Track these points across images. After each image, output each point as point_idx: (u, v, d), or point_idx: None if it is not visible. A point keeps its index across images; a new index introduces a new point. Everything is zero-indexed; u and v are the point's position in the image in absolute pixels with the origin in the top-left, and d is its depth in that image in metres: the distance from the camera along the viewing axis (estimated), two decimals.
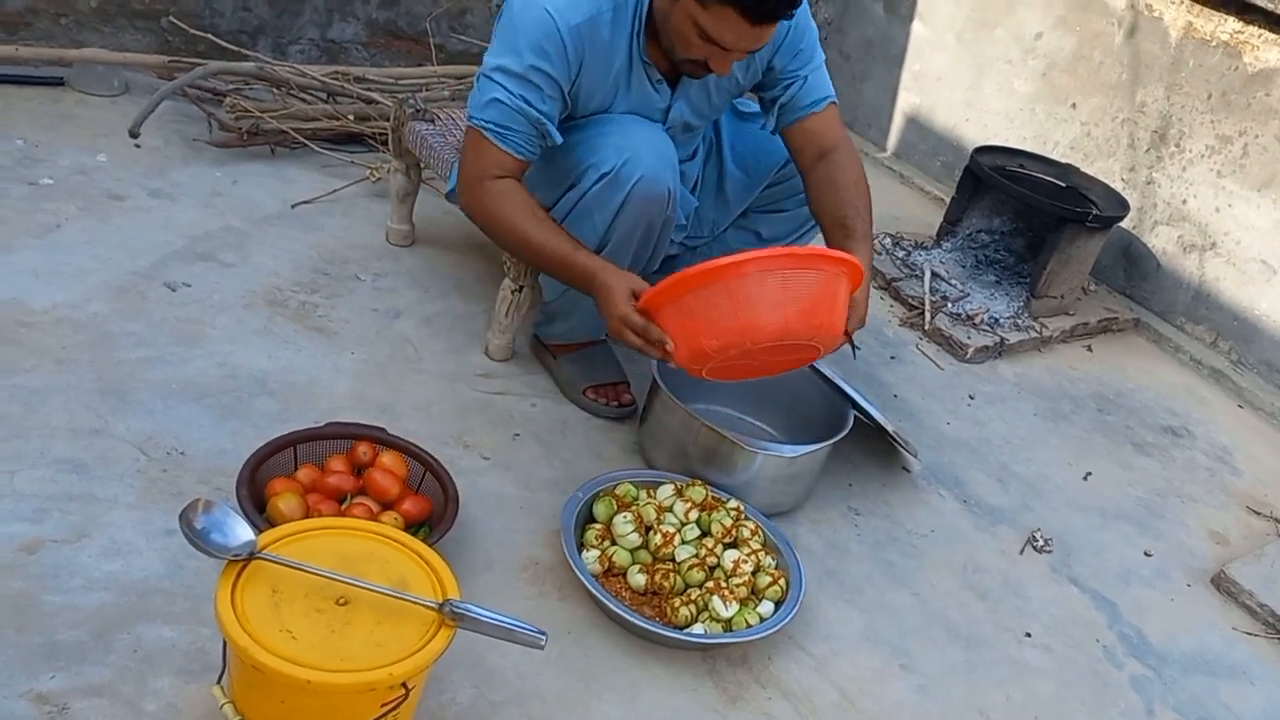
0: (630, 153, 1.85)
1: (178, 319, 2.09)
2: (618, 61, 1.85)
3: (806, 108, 2.01)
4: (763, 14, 1.67)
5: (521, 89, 1.78)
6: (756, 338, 1.65)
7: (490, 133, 1.81)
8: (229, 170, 2.66)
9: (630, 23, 1.82)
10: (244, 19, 3.03)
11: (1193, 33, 2.99)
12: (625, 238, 1.93)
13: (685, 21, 1.72)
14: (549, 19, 1.75)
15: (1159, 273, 3.15)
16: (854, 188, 2.00)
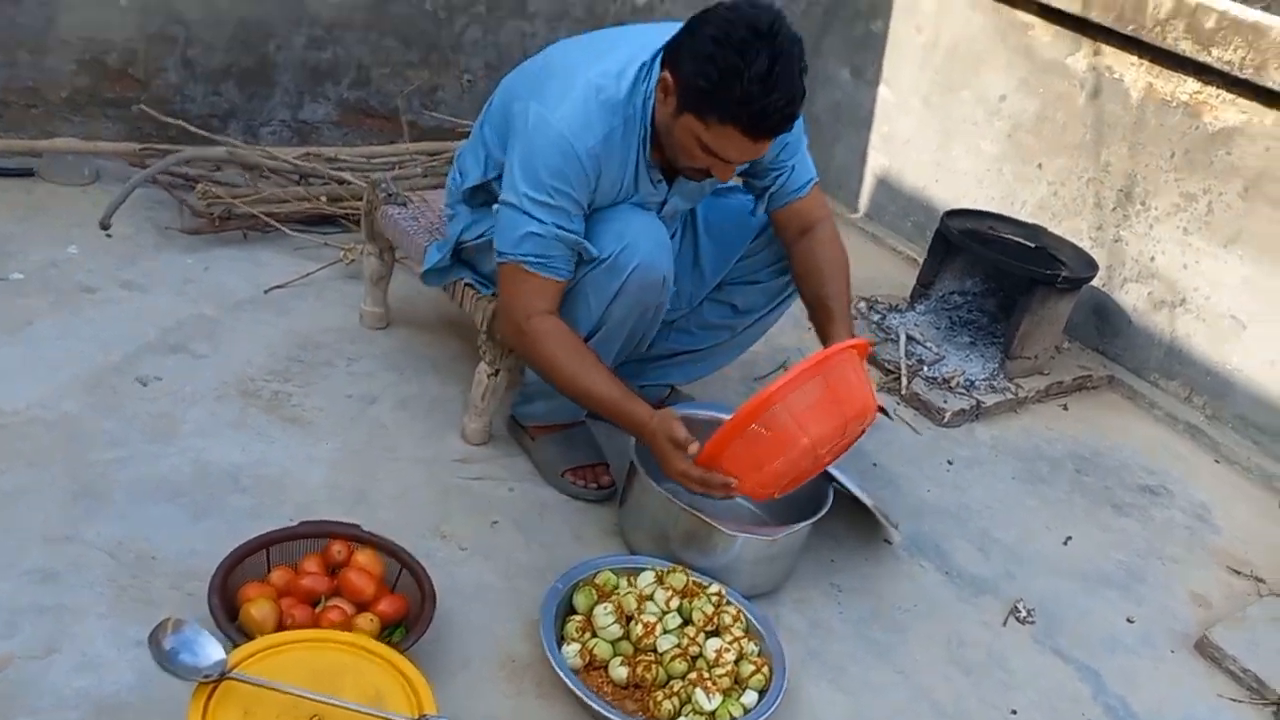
0: (628, 240, 1.88)
1: (150, 414, 2.07)
2: (628, 170, 1.90)
3: (794, 193, 2.08)
4: (764, 131, 1.72)
5: (553, 216, 1.82)
6: (820, 445, 1.79)
7: (530, 265, 1.84)
8: (201, 257, 2.66)
9: (637, 132, 1.86)
10: (215, 103, 3.05)
11: (1153, 94, 3.04)
12: (620, 322, 1.96)
13: (688, 136, 1.76)
14: (567, 143, 1.79)
15: (1131, 329, 3.18)
16: (833, 266, 2.09)
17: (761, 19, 1.67)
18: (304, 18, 3.05)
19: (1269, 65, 2.72)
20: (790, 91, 1.68)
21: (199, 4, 2.90)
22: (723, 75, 1.66)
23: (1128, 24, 2.99)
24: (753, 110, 1.67)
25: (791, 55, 1.67)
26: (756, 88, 1.65)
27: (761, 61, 1.64)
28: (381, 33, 3.18)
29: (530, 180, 1.81)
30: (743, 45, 1.64)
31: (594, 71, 1.84)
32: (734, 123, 1.69)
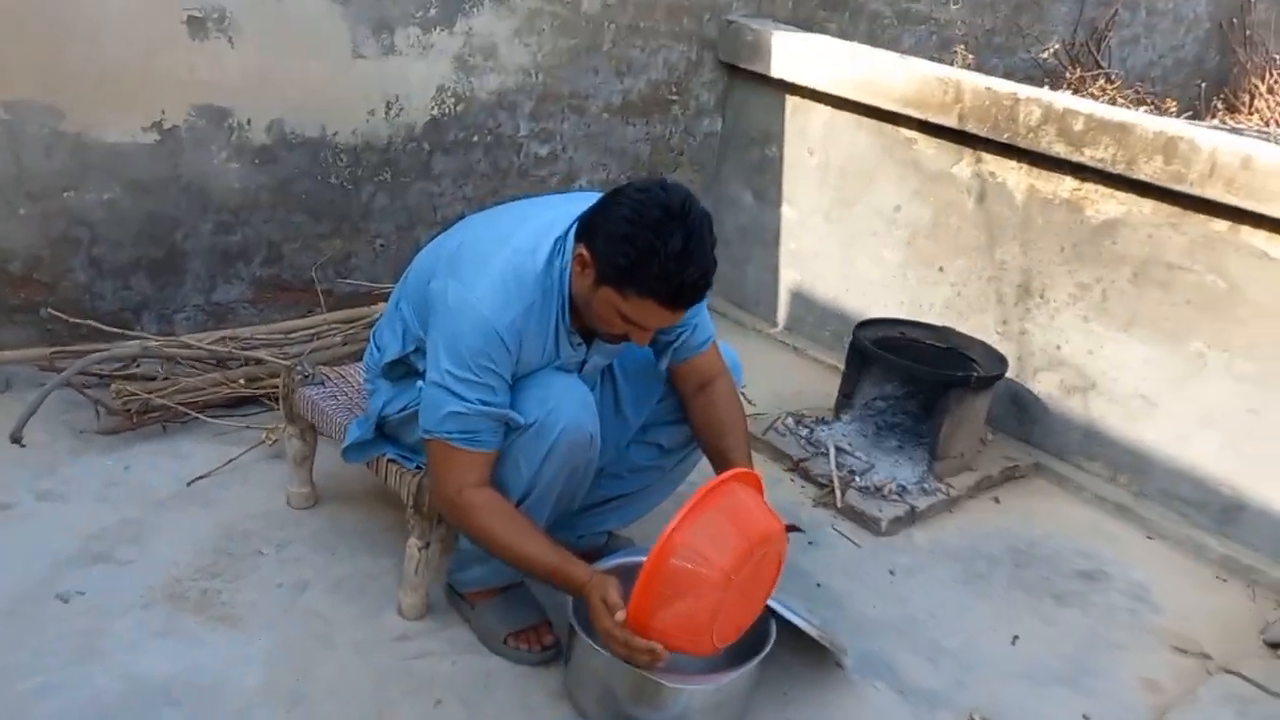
0: (553, 403, 1.93)
1: (73, 633, 2.02)
2: (549, 338, 1.95)
3: (694, 349, 2.16)
4: (681, 303, 1.81)
5: (477, 393, 1.86)
6: (735, 574, 1.80)
7: (456, 441, 1.88)
8: (120, 456, 2.63)
9: (555, 303, 1.93)
10: (125, 297, 3.05)
11: (1036, 194, 3.19)
12: (551, 483, 1.99)
13: (607, 307, 1.85)
14: (488, 323, 1.84)
15: (1049, 417, 3.27)
16: (732, 421, 2.19)
17: (674, 200, 1.77)
18: (209, 205, 3.09)
19: (1138, 160, 2.88)
20: (704, 265, 1.78)
21: (101, 205, 2.93)
22: (640, 254, 1.75)
23: (1003, 132, 3.15)
24: (670, 285, 1.77)
25: (703, 232, 1.78)
26: (673, 264, 1.74)
27: (676, 240, 1.73)
28: (289, 210, 3.24)
29: (453, 359, 1.86)
30: (658, 225, 1.74)
31: (509, 249, 1.91)
32: (653, 297, 1.78)
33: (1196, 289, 2.91)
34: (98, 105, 2.83)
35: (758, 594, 1.96)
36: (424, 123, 3.40)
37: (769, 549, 1.90)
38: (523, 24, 3.47)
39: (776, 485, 3.00)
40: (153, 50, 2.85)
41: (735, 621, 1.91)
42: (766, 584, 1.96)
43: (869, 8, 4.34)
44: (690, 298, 1.81)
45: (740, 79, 3.99)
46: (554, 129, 3.69)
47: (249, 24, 2.96)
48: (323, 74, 3.15)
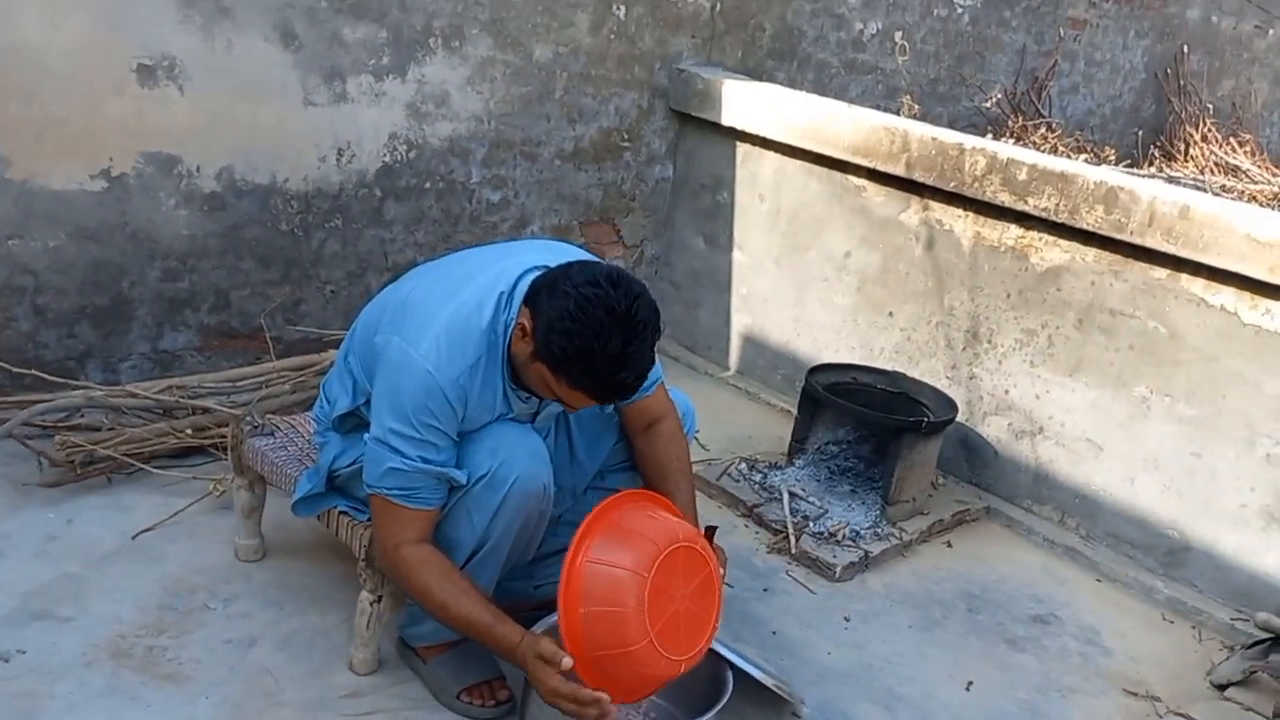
0: (505, 454, 1.93)
1: (12, 695, 1.96)
2: (495, 394, 1.95)
3: (642, 393, 2.14)
4: (610, 399, 1.86)
5: (418, 450, 1.85)
6: (639, 570, 1.79)
7: (396, 498, 1.87)
8: (63, 509, 2.57)
9: (500, 360, 1.93)
10: (70, 346, 2.99)
11: (982, 240, 3.25)
12: (504, 534, 1.98)
13: (540, 380, 1.86)
14: (432, 380, 1.83)
15: (998, 460, 3.31)
16: (677, 462, 2.21)
17: (620, 303, 1.76)
18: (156, 252, 3.05)
19: (1081, 209, 2.95)
20: (640, 368, 1.80)
21: (46, 253, 2.88)
22: (578, 352, 1.76)
23: (949, 181, 3.21)
24: (601, 385, 1.80)
25: (645, 334, 1.79)
26: (608, 367, 1.77)
27: (615, 344, 1.75)
28: (238, 256, 3.20)
29: (396, 415, 1.85)
30: (599, 327, 1.74)
31: (454, 303, 1.90)
32: (583, 391, 1.80)
33: (1139, 335, 2.97)
34: (43, 153, 2.79)
35: (702, 604, 1.91)
36: (376, 169, 3.39)
37: (683, 547, 1.87)
38: (475, 72, 3.48)
39: (731, 531, 3.00)
40: (100, 97, 2.83)
41: (683, 630, 1.86)
42: (707, 590, 1.92)
43: (817, 57, 4.42)
44: (621, 396, 1.85)
45: (691, 126, 4.04)
46: (506, 175, 3.70)
47: (198, 72, 2.95)
48: (273, 121, 3.13)
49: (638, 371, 1.80)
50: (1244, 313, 2.78)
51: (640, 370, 1.80)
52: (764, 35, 4.20)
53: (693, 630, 1.90)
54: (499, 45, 3.50)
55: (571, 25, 3.64)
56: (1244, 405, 2.81)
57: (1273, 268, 2.66)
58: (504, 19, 3.48)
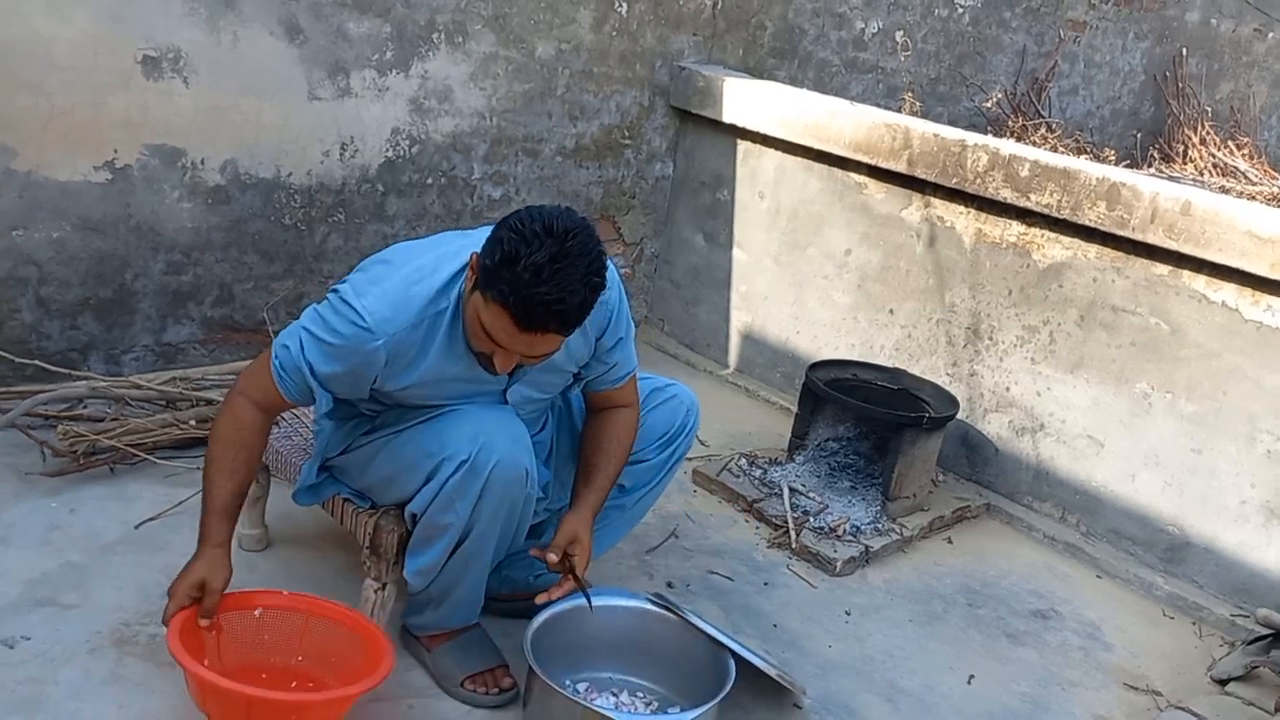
0: (484, 438, 1.92)
1: (16, 682, 1.96)
2: (431, 356, 1.93)
3: (610, 383, 2.17)
4: (530, 321, 1.75)
5: (313, 355, 1.90)
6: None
7: (274, 365, 1.94)
8: (66, 499, 2.57)
9: (448, 321, 1.91)
10: (73, 337, 3.00)
11: (984, 238, 3.26)
12: (490, 521, 1.98)
13: (473, 313, 1.82)
14: (366, 330, 1.85)
15: (999, 457, 3.32)
16: (615, 448, 2.19)
17: (559, 222, 1.74)
18: (160, 244, 3.06)
19: (1083, 205, 2.96)
20: (563, 290, 1.72)
21: (49, 244, 2.88)
22: (504, 258, 1.72)
23: (951, 178, 3.22)
24: (520, 297, 1.72)
25: (576, 260, 1.73)
26: (528, 275, 1.70)
27: (542, 254, 1.70)
28: (242, 249, 3.21)
29: (320, 326, 1.90)
30: (531, 236, 1.71)
31: (410, 267, 1.92)
32: (503, 305, 1.74)
33: (1140, 331, 2.98)
34: (48, 144, 2.80)
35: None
36: (378, 164, 3.40)
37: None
38: (477, 68, 3.49)
39: (731, 526, 3.01)
40: (105, 90, 2.83)
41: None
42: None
43: (817, 56, 4.44)
44: (540, 319, 1.74)
45: (692, 124, 4.05)
46: (507, 172, 3.71)
47: (204, 64, 2.95)
48: (278, 115, 3.14)
49: (559, 294, 1.72)
50: (1245, 309, 2.79)
51: (562, 294, 1.72)
52: (765, 34, 4.22)
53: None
54: (502, 42, 3.51)
55: (573, 22, 3.65)
56: (1245, 401, 2.82)
57: (1274, 264, 2.68)
58: (507, 15, 3.49)
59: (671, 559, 2.79)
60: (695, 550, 2.85)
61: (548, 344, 1.82)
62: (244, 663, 1.96)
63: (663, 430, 2.33)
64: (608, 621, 2.23)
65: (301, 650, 2.04)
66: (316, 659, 2.04)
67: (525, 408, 2.14)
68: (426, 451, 1.96)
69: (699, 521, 3.00)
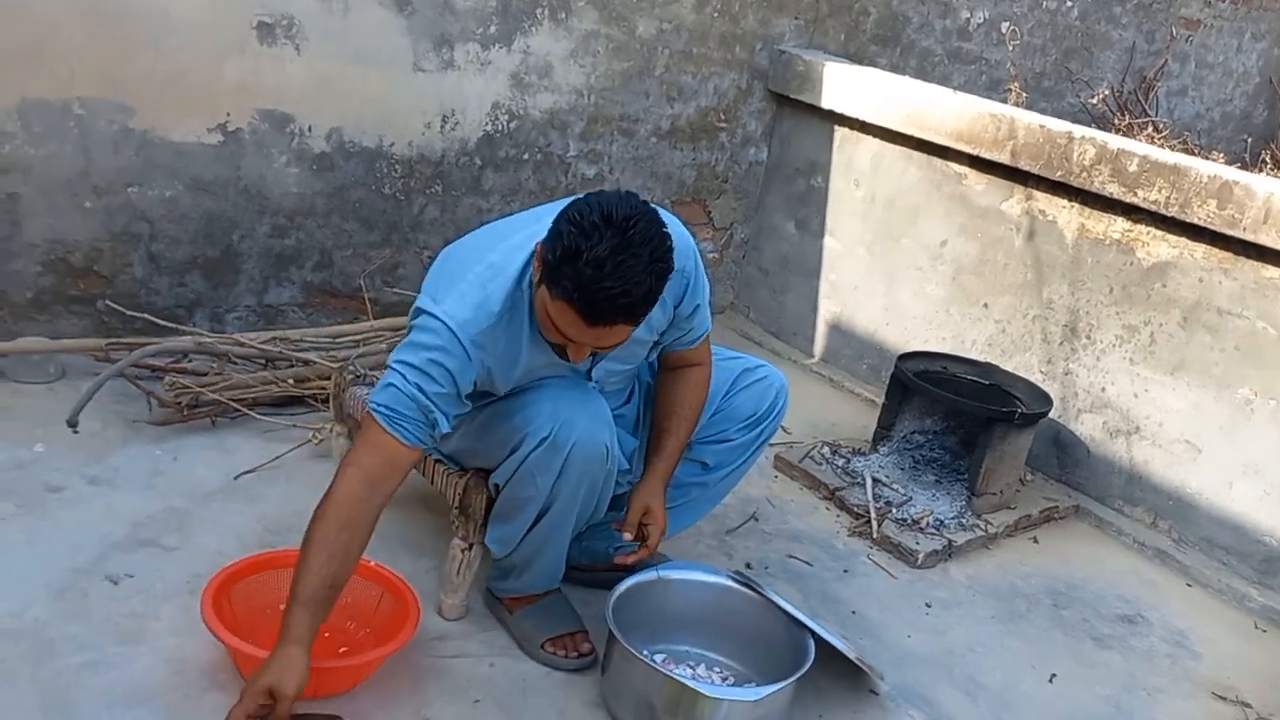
0: (565, 416, 1.93)
1: (121, 615, 2.04)
2: (524, 351, 1.93)
3: (687, 345, 2.17)
4: (596, 315, 1.72)
5: (417, 378, 1.83)
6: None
7: (381, 416, 1.84)
8: (170, 447, 2.66)
9: (525, 314, 1.91)
10: (180, 294, 3.10)
11: (1086, 233, 3.19)
12: (570, 498, 2.01)
13: (542, 308, 1.80)
14: (447, 332, 1.84)
15: (1090, 459, 3.25)
16: (686, 409, 2.19)
17: (618, 209, 1.70)
18: (267, 208, 3.14)
19: (1192, 203, 2.88)
20: (627, 283, 1.68)
21: (162, 202, 2.98)
22: (565, 253, 1.68)
23: (1056, 170, 3.16)
24: (585, 294, 1.68)
25: (639, 250, 1.69)
26: (590, 271, 1.66)
27: (603, 247, 1.66)
28: (343, 217, 3.28)
29: (408, 350, 1.86)
30: (590, 229, 1.67)
31: (483, 264, 1.90)
32: (568, 301, 1.71)
33: (1246, 335, 2.89)
34: (165, 105, 2.90)
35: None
36: (477, 138, 3.45)
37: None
38: (579, 45, 3.52)
39: (811, 513, 2.99)
40: (221, 54, 2.92)
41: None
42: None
43: (920, 44, 4.38)
44: (605, 313, 1.71)
45: (789, 109, 4.02)
46: (602, 150, 3.73)
47: (315, 32, 3.02)
48: (383, 85, 3.20)
49: (624, 286, 1.68)
50: None
51: (626, 286, 1.68)
52: (868, 20, 4.17)
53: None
54: (604, 19, 3.53)
55: (676, 1, 3.66)
56: None
57: None
58: None
59: (751, 541, 2.79)
60: (775, 534, 2.85)
61: (617, 335, 1.79)
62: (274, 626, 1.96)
63: (750, 411, 2.33)
64: (688, 596, 2.24)
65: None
66: (340, 612, 2.03)
67: (611, 381, 2.16)
68: (511, 427, 1.99)
69: (779, 506, 3.00)
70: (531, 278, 1.86)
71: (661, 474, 2.18)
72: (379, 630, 2.06)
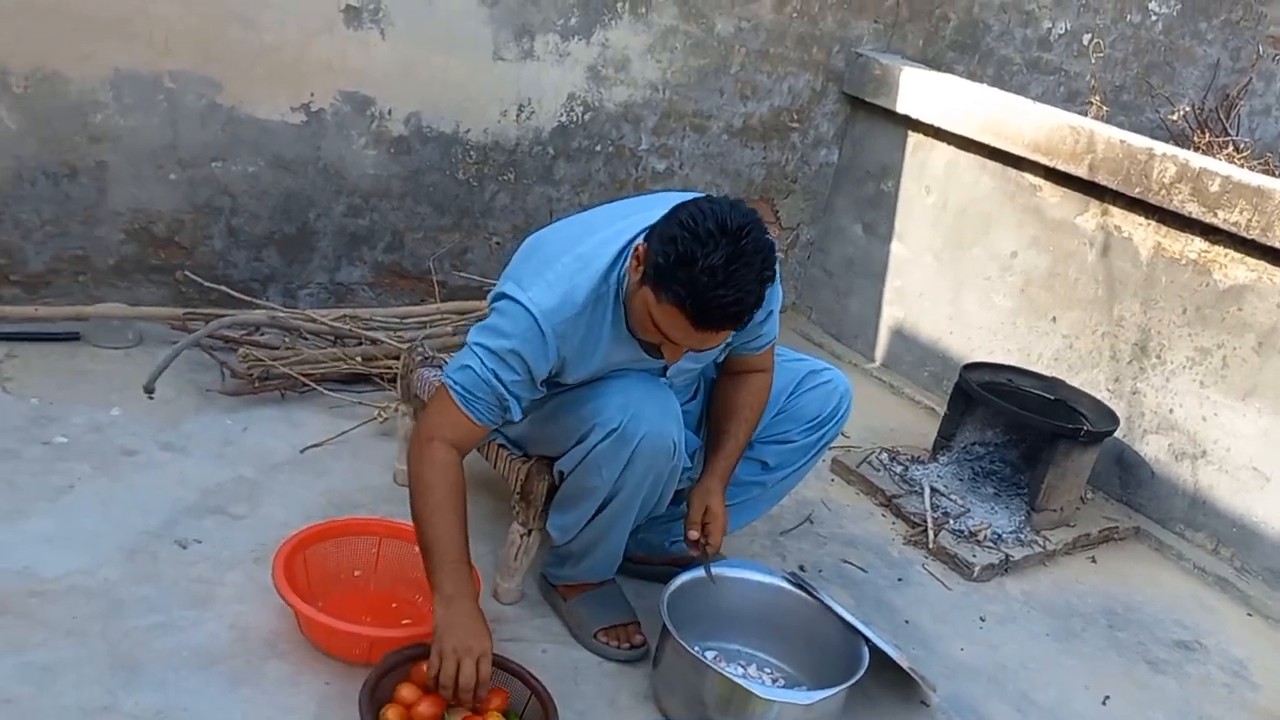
0: (634, 409, 1.94)
1: (189, 579, 2.10)
2: (603, 345, 1.94)
3: (751, 349, 2.16)
4: (706, 321, 1.74)
5: (495, 364, 1.87)
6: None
7: (456, 394, 1.89)
8: (240, 417, 2.72)
9: (609, 309, 1.92)
10: (256, 268, 3.17)
11: (1162, 252, 3.14)
12: (634, 489, 2.02)
13: (642, 308, 1.81)
14: (530, 320, 1.86)
15: (1154, 481, 3.20)
16: (747, 412, 2.19)
17: (732, 218, 1.71)
18: (344, 188, 3.20)
19: (1275, 226, 2.82)
20: (740, 291, 1.71)
21: (245, 178, 3.05)
22: (679, 259, 1.69)
23: (1134, 187, 3.11)
24: (698, 300, 1.70)
25: (752, 259, 1.71)
26: (705, 279, 1.68)
27: (718, 256, 1.68)
28: (416, 200, 3.33)
29: (488, 336, 1.89)
30: (706, 236, 1.69)
31: (571, 255, 1.91)
32: (678, 306, 1.72)
33: None
34: (253, 81, 2.96)
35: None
36: (551, 128, 3.47)
37: None
38: (656, 40, 3.53)
39: (867, 519, 2.98)
40: (311, 32, 2.97)
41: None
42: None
43: (999, 53, 4.32)
44: (717, 320, 1.74)
45: (863, 112, 4.00)
46: (674, 145, 3.74)
47: (401, 17, 3.06)
48: (463, 72, 3.24)
49: (737, 294, 1.70)
50: None
51: (739, 294, 1.71)
52: (947, 26, 4.13)
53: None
54: (683, 15, 3.53)
55: (756, 0, 3.65)
56: None
57: None
58: None
59: (805, 543, 2.78)
60: (829, 538, 2.84)
61: (720, 338, 1.84)
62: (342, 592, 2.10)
63: (814, 414, 2.33)
64: (742, 595, 2.24)
65: (379, 571, 2.18)
66: (396, 578, 2.17)
67: (679, 378, 2.17)
68: (580, 416, 2.00)
69: (835, 510, 2.99)
70: (623, 274, 1.88)
71: (720, 474, 2.18)
72: None
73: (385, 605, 2.14)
